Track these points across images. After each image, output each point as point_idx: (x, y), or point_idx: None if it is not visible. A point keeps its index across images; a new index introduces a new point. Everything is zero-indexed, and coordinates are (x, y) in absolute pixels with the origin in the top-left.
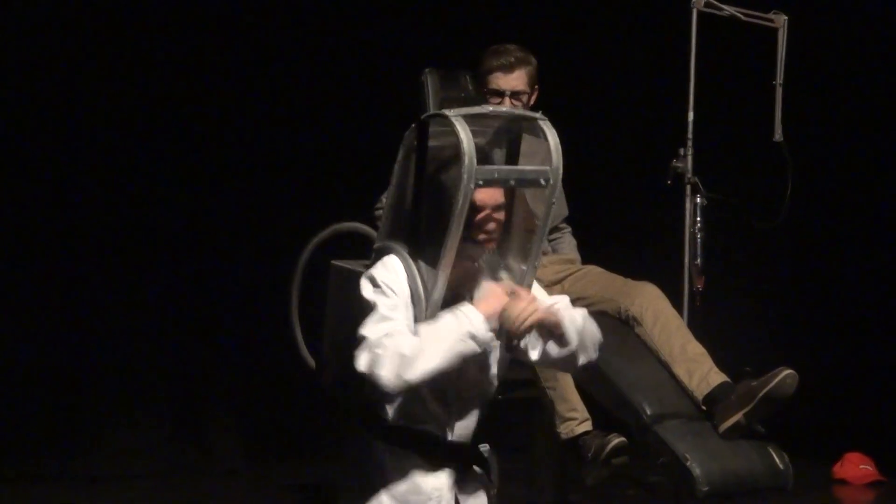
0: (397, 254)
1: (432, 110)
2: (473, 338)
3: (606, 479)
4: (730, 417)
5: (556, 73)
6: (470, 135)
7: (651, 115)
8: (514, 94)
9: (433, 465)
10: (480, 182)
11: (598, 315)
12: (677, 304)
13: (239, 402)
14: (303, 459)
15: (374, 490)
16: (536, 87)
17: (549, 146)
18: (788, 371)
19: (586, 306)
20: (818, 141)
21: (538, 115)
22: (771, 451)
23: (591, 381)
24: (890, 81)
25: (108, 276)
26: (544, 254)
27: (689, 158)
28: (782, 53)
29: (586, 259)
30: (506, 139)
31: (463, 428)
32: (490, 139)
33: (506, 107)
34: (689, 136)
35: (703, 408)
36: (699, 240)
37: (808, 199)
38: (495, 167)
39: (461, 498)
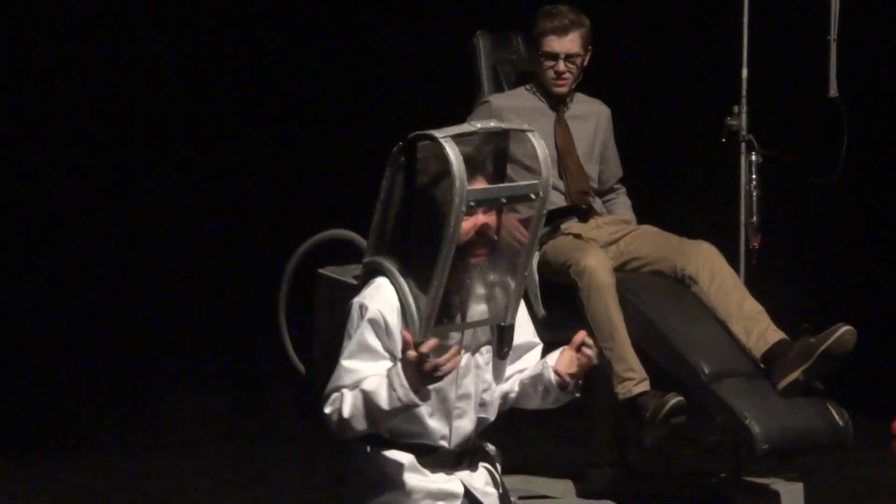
0: (389, 274)
1: (485, 76)
2: (404, 406)
3: (664, 438)
4: (788, 375)
5: (610, 32)
6: (460, 157)
7: (705, 73)
8: (569, 57)
9: (436, 469)
10: (472, 203)
11: (655, 275)
12: (733, 263)
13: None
14: None
15: (377, 492)
16: (590, 48)
17: (539, 158)
18: (847, 327)
19: (642, 266)
20: (874, 96)
21: (526, 127)
22: (830, 407)
23: (649, 340)
24: None
25: (166, 248)
26: (599, 215)
27: (744, 116)
28: (836, 7)
29: (641, 219)
30: (492, 152)
31: (465, 435)
32: (478, 148)
33: (561, 69)
34: (744, 93)
35: (762, 366)
36: (754, 197)
37: (864, 155)
38: (485, 187)
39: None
